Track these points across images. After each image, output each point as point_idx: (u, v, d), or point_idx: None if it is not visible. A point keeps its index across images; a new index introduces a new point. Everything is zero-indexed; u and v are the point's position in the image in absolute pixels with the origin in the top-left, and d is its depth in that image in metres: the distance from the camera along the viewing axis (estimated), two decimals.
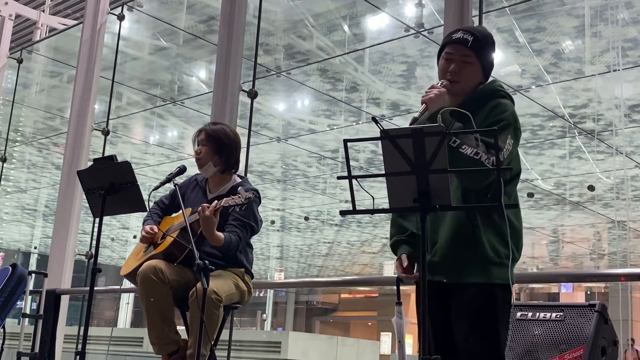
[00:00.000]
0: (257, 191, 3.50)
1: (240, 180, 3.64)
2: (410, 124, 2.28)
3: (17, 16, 10.18)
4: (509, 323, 2.48)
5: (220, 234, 3.31)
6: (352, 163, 2.26)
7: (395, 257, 2.60)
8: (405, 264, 2.52)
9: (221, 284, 3.31)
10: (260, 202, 3.56)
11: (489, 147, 2.27)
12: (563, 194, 11.80)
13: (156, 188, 3.45)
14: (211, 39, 7.82)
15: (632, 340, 14.40)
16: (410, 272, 2.52)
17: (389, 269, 20.72)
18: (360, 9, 7.26)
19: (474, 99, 2.53)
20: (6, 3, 9.74)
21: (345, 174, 2.21)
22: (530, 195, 11.56)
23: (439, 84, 2.48)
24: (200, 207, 3.25)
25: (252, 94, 5.67)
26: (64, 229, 6.83)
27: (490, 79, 2.63)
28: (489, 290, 2.40)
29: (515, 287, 2.54)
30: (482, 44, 2.56)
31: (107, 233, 17.18)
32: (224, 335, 3.69)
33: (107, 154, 7.03)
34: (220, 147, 3.55)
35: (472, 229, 2.40)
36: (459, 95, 2.53)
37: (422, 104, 2.40)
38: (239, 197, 3.20)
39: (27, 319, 5.98)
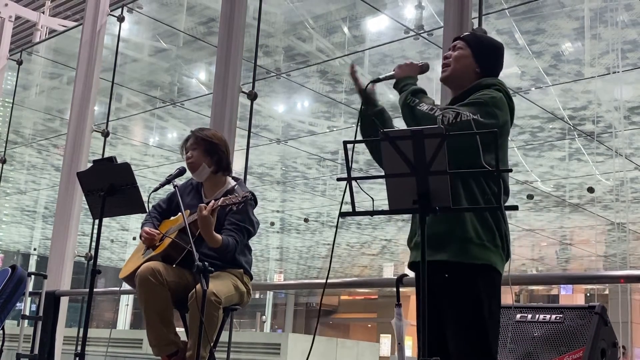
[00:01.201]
0: (252, 193, 3.50)
1: (235, 183, 3.65)
2: (370, 81, 2.60)
3: (17, 17, 10.18)
4: (499, 312, 2.43)
5: (218, 235, 3.32)
6: (351, 165, 2.26)
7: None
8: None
9: (220, 285, 3.31)
10: (255, 205, 3.57)
11: (448, 109, 2.38)
12: (563, 196, 11.80)
13: (156, 190, 3.45)
14: (211, 41, 7.82)
15: (624, 347, 14.30)
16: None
17: (389, 271, 20.72)
18: (360, 11, 7.26)
19: (470, 91, 2.55)
20: (6, 4, 9.75)
21: (345, 175, 2.21)
22: (530, 197, 11.55)
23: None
24: (198, 207, 3.26)
25: (252, 96, 5.67)
26: (64, 231, 6.83)
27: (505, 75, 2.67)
28: (468, 270, 2.35)
29: (515, 289, 2.53)
30: (477, 39, 2.64)
31: (106, 234, 17.16)
32: (224, 336, 3.68)
33: (106, 155, 7.01)
34: (210, 148, 3.57)
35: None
36: (454, 82, 2.62)
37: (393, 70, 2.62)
38: (236, 196, 3.22)
39: (26, 321, 5.97)
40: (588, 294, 22.37)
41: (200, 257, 3.07)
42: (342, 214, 2.35)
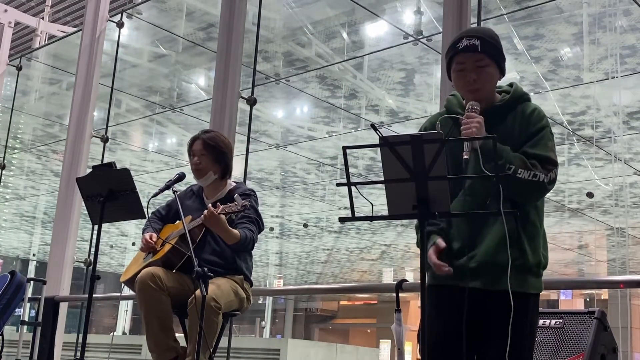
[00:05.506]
0: (253, 191, 3.58)
1: (236, 184, 3.67)
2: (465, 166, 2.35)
3: (17, 23, 10.20)
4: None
5: (236, 231, 3.33)
6: (351, 170, 2.27)
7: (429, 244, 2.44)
8: (442, 245, 2.38)
9: (220, 291, 3.31)
10: (258, 202, 3.62)
11: (542, 162, 2.30)
12: (562, 201, 11.80)
13: (155, 195, 3.45)
14: (210, 46, 7.83)
15: None
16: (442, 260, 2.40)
17: (388, 276, 20.69)
18: (359, 17, 7.28)
19: (501, 107, 2.47)
20: (5, 10, 9.76)
21: (344, 180, 2.22)
22: None
23: (470, 108, 2.37)
24: (206, 211, 3.27)
25: (251, 101, 5.69)
26: (63, 236, 6.83)
27: (505, 81, 2.58)
28: (524, 299, 2.35)
29: None
30: (491, 43, 2.46)
31: (105, 240, 17.15)
32: (223, 342, 3.68)
33: (106, 161, 7.02)
34: (219, 155, 3.58)
35: (518, 237, 2.35)
36: (482, 101, 2.43)
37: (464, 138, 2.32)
38: (236, 204, 3.24)
39: (25, 326, 5.97)
40: (587, 299, 22.36)
41: (200, 263, 3.07)
42: (342, 219, 2.35)
